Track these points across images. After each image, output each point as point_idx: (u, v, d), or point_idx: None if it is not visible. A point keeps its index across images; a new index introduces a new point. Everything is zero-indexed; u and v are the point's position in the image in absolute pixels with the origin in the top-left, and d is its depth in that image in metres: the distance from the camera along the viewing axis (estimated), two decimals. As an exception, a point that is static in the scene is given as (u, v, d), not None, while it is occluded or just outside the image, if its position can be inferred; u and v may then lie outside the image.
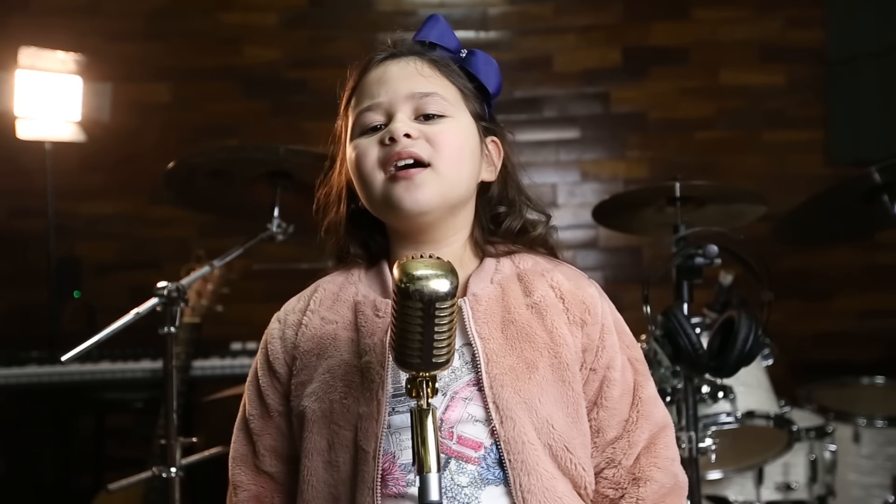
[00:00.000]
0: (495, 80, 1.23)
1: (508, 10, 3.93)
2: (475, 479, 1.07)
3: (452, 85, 1.19)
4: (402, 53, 1.20)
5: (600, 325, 1.17)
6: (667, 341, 1.84)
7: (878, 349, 3.72)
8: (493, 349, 1.11)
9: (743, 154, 3.88)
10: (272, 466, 1.19)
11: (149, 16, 3.82)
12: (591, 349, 1.15)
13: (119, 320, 1.79)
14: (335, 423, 1.10)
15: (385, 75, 1.17)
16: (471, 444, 1.08)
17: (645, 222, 2.44)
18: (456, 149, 1.14)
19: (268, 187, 2.13)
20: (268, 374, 1.19)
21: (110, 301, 2.72)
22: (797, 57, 3.88)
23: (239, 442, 1.22)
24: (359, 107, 1.18)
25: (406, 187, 1.11)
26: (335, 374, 1.12)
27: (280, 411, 1.18)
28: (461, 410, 1.09)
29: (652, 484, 1.15)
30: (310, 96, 3.80)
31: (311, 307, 1.20)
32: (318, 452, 1.11)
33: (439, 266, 0.91)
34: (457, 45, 1.23)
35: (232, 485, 1.22)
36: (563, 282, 1.18)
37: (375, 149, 1.14)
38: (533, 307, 1.15)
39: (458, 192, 1.16)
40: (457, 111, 1.17)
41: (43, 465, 3.53)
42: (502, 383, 1.09)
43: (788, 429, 2.41)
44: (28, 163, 3.47)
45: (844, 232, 2.61)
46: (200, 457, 2.09)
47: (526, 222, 1.23)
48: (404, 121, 1.13)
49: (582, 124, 3.92)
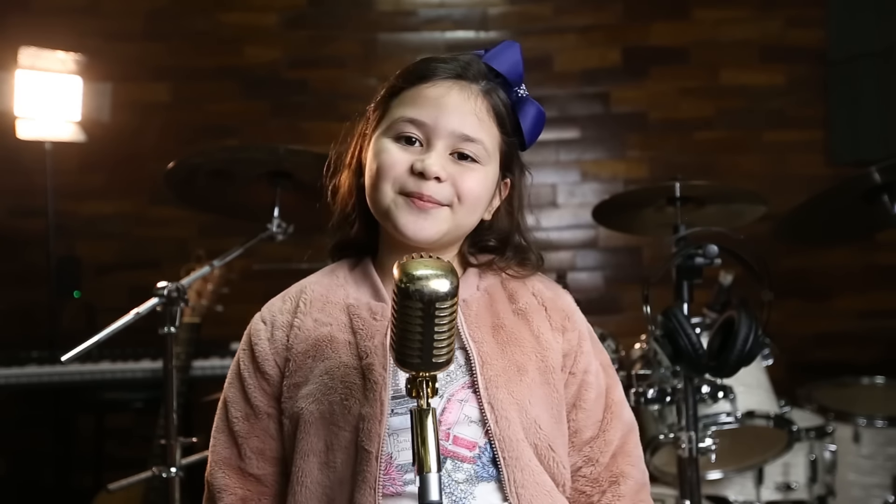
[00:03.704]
0: (537, 135, 1.22)
1: (508, 10, 3.93)
2: (470, 476, 1.10)
3: (498, 134, 1.18)
4: (468, 78, 1.17)
5: (578, 331, 1.23)
6: (667, 341, 1.84)
7: (878, 349, 3.71)
8: (486, 352, 1.14)
9: (743, 154, 3.88)
10: (259, 469, 1.18)
11: (149, 16, 3.81)
12: (571, 354, 1.21)
13: (119, 320, 1.79)
14: (334, 425, 1.10)
15: (443, 99, 1.14)
16: (466, 444, 1.11)
17: (645, 222, 2.44)
18: (477, 197, 1.16)
19: (268, 187, 2.13)
20: (255, 376, 1.18)
21: (110, 301, 2.73)
22: (797, 57, 3.87)
23: (220, 445, 1.20)
24: (404, 110, 1.15)
25: (416, 217, 1.13)
26: (334, 376, 1.12)
27: (268, 412, 1.17)
28: (458, 412, 1.12)
29: (629, 480, 1.22)
30: (310, 96, 3.81)
31: (302, 308, 1.19)
32: (315, 454, 1.11)
33: (439, 266, 0.92)
34: (520, 78, 1.20)
35: (215, 489, 1.19)
36: (543, 290, 1.24)
37: (403, 168, 1.13)
38: (519, 313, 1.20)
39: (461, 232, 1.20)
40: (489, 160, 1.17)
41: (43, 465, 3.53)
42: (497, 385, 1.12)
43: (788, 429, 2.41)
44: (28, 163, 3.46)
45: (844, 232, 2.60)
46: (200, 457, 2.09)
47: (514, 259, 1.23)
48: (440, 160, 1.13)
49: (582, 124, 3.92)
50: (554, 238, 3.85)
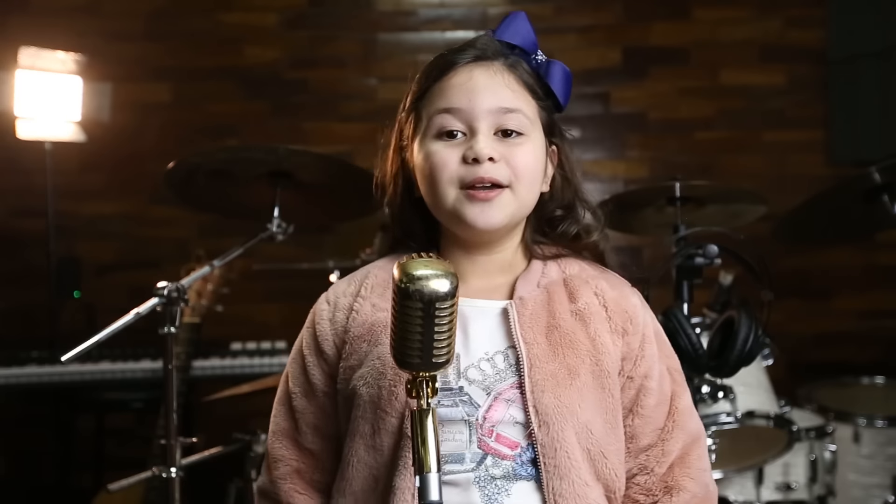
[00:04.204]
0: (568, 93, 1.23)
1: (508, 9, 3.87)
2: (509, 472, 1.10)
3: (533, 102, 1.18)
4: (488, 57, 1.18)
5: (641, 334, 1.19)
6: (667, 341, 1.84)
7: (878, 349, 3.72)
8: (536, 354, 1.13)
9: (743, 154, 3.88)
10: (313, 444, 1.21)
11: (149, 16, 3.81)
12: (631, 358, 1.17)
13: (119, 320, 1.79)
14: (382, 409, 1.12)
15: (471, 82, 1.15)
16: (508, 443, 1.11)
17: (645, 222, 2.44)
18: (532, 171, 1.16)
19: (268, 187, 2.13)
20: (315, 354, 1.21)
21: (110, 301, 2.72)
22: (797, 57, 3.88)
23: (280, 416, 1.24)
24: (436, 106, 1.16)
25: (482, 209, 1.13)
26: (386, 362, 1.13)
27: (325, 391, 1.20)
28: (503, 411, 1.11)
29: (684, 493, 1.17)
30: (310, 96, 3.81)
31: (363, 293, 1.20)
32: (362, 436, 1.13)
33: (439, 266, 0.92)
34: (535, 46, 1.22)
35: (272, 458, 1.23)
36: (607, 290, 1.20)
37: (455, 162, 1.13)
38: (577, 314, 1.17)
39: (526, 210, 1.19)
40: (533, 129, 1.17)
41: (43, 465, 3.53)
42: (543, 388, 1.11)
43: (788, 429, 2.41)
44: (28, 163, 3.46)
45: (844, 232, 2.61)
46: (200, 457, 2.10)
47: (581, 228, 1.23)
48: (488, 141, 1.13)
49: (582, 124, 3.92)
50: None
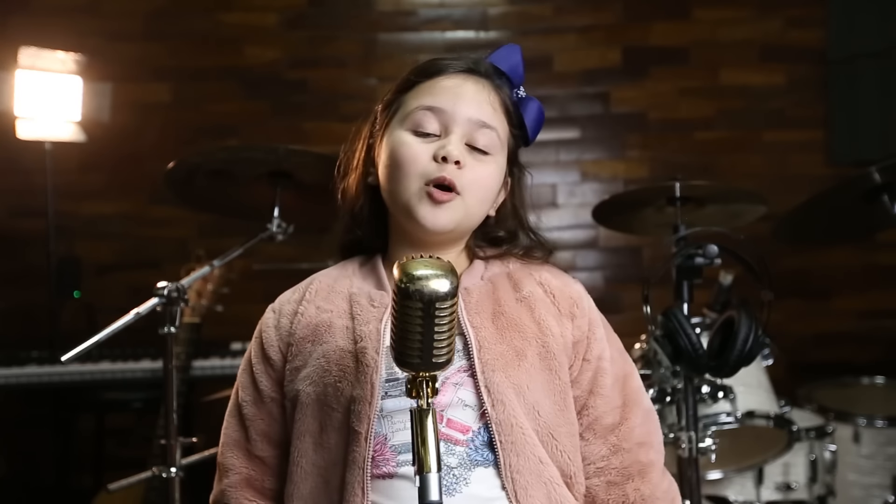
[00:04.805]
0: (538, 131, 1.28)
1: (508, 10, 3.93)
2: (464, 460, 1.12)
3: (507, 126, 1.24)
4: (480, 73, 1.23)
5: (587, 318, 1.25)
6: (667, 341, 1.84)
7: (878, 349, 3.72)
8: (484, 336, 1.16)
9: (743, 154, 3.88)
10: (263, 451, 1.24)
11: (149, 16, 3.81)
12: (583, 340, 1.22)
13: (119, 320, 1.79)
14: (328, 406, 1.15)
15: (460, 88, 1.20)
16: (459, 427, 1.13)
17: (645, 222, 2.44)
18: (486, 189, 1.22)
19: (268, 187, 2.13)
20: (262, 362, 1.24)
21: (110, 301, 2.72)
22: (797, 57, 3.88)
23: (231, 427, 1.27)
24: (420, 102, 1.20)
25: (433, 211, 1.17)
26: (330, 359, 1.16)
27: (273, 397, 1.23)
28: (451, 395, 1.14)
29: (655, 467, 1.24)
30: (310, 96, 3.81)
31: (307, 298, 1.25)
32: (310, 434, 1.16)
33: (439, 266, 0.92)
34: (521, 80, 1.27)
35: (223, 468, 1.26)
36: (550, 279, 1.26)
37: (425, 158, 1.18)
38: (522, 301, 1.22)
39: (471, 223, 1.24)
40: (499, 152, 1.23)
41: (43, 465, 3.52)
42: (493, 368, 1.14)
43: (788, 429, 2.41)
44: (28, 163, 3.46)
45: (844, 232, 2.60)
46: (200, 457, 2.09)
47: (522, 251, 1.28)
48: (460, 146, 1.18)
49: (582, 124, 3.92)
50: (554, 238, 3.84)
